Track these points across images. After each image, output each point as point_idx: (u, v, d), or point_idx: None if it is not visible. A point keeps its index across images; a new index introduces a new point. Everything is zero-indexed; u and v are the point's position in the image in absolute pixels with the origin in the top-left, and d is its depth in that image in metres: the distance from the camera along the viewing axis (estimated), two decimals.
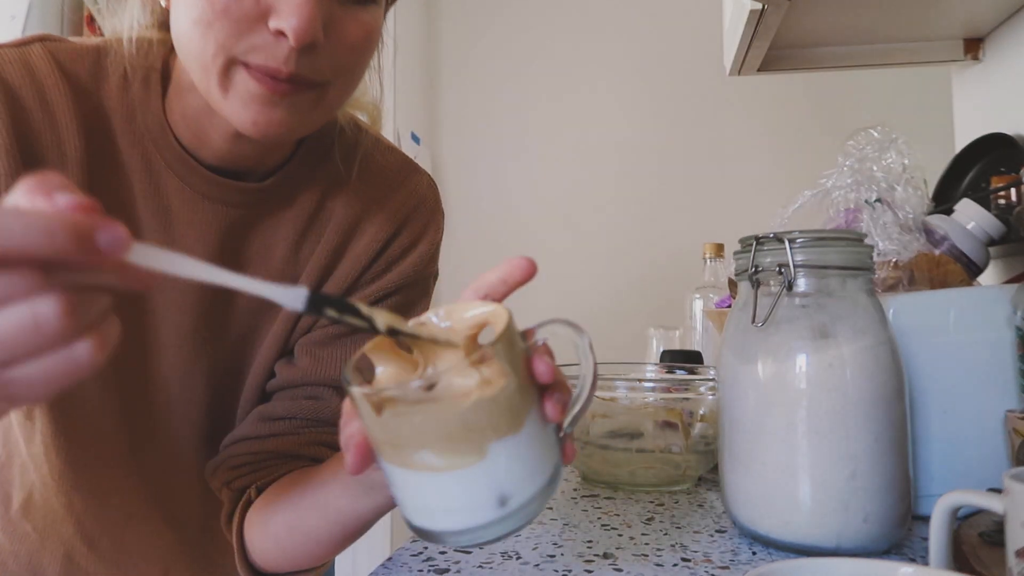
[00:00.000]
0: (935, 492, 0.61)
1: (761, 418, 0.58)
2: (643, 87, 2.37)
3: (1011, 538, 0.41)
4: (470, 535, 0.38)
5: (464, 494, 0.37)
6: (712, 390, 0.77)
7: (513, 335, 0.38)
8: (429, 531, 0.39)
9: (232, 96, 0.52)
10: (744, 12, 1.10)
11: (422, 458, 0.36)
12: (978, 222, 0.84)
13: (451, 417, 0.35)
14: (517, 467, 0.37)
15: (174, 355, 0.64)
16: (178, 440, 0.67)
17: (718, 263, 1.35)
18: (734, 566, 0.54)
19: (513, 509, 0.37)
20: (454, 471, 0.36)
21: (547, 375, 0.39)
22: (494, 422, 0.36)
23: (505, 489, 0.37)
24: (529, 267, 0.43)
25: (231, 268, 0.66)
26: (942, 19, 1.18)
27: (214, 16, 0.50)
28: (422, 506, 0.38)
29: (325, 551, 0.59)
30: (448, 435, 0.36)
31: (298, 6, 0.49)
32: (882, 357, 0.56)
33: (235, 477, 0.62)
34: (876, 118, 0.83)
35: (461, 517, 0.37)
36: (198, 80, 0.53)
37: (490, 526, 0.38)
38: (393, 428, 0.36)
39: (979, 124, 1.21)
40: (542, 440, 0.39)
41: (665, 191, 2.33)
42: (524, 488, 0.38)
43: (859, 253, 0.58)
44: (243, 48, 0.50)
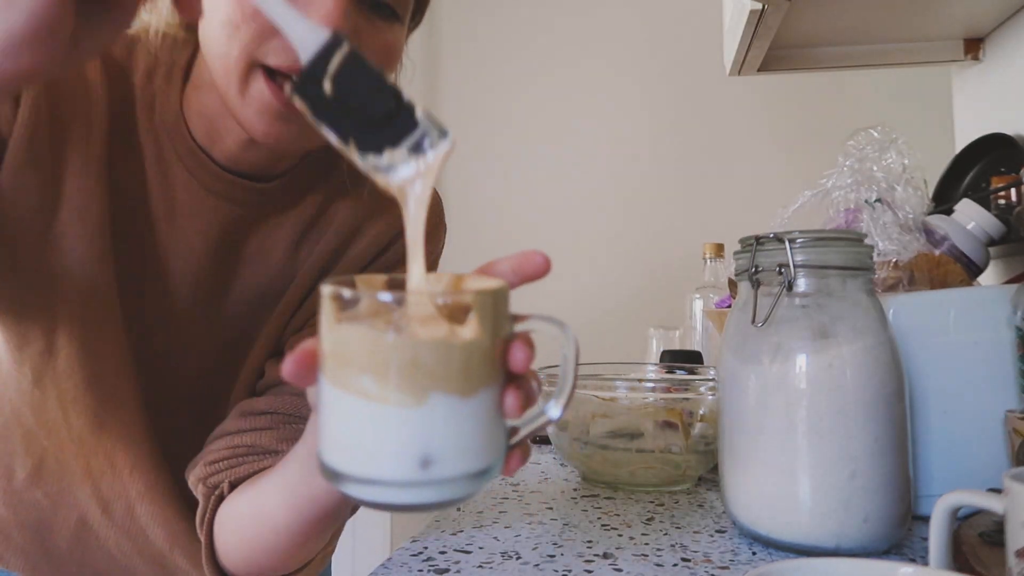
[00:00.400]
0: (935, 492, 0.61)
1: (761, 418, 0.58)
2: (643, 87, 2.37)
3: (1011, 538, 0.41)
4: (378, 489, 0.34)
5: (388, 437, 0.34)
6: (712, 390, 0.77)
7: (501, 303, 0.36)
8: (338, 472, 0.35)
9: (248, 102, 0.54)
10: (744, 12, 1.10)
11: (361, 382, 0.33)
12: (978, 222, 0.84)
13: (404, 346, 0.33)
14: (452, 433, 0.34)
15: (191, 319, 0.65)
16: (187, 417, 0.67)
17: (718, 263, 1.35)
18: (734, 566, 0.54)
19: (432, 478, 0.34)
20: (387, 406, 0.33)
21: (522, 364, 0.36)
22: (444, 373, 0.33)
23: (431, 450, 0.34)
24: (544, 264, 0.40)
25: (230, 264, 0.67)
26: (942, 19, 1.18)
27: (242, 19, 0.51)
28: (342, 440, 0.35)
29: (285, 544, 0.57)
30: (395, 365, 0.33)
31: (327, 14, 0.51)
32: (882, 357, 0.56)
33: (211, 473, 0.61)
34: (876, 118, 0.83)
35: (376, 464, 0.34)
36: (219, 80, 0.55)
37: (401, 486, 0.34)
38: (345, 339, 0.34)
39: (979, 124, 1.21)
40: (488, 424, 0.36)
41: (665, 191, 2.33)
42: (452, 460, 0.34)
43: (859, 253, 0.58)
44: (265, 51, 0.52)
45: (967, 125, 1.27)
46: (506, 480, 0.80)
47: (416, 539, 0.60)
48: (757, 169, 2.27)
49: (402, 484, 0.34)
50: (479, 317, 0.34)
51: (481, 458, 0.35)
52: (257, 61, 0.53)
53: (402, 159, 0.38)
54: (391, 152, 0.38)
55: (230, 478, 0.60)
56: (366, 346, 0.33)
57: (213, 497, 0.60)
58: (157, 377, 0.65)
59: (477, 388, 0.35)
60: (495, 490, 0.76)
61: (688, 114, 2.34)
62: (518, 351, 0.36)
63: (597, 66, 2.41)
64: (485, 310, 0.34)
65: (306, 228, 0.67)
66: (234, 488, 0.60)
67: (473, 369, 0.34)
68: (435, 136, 0.38)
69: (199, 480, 0.61)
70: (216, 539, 0.60)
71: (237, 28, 0.52)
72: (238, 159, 0.62)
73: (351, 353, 0.34)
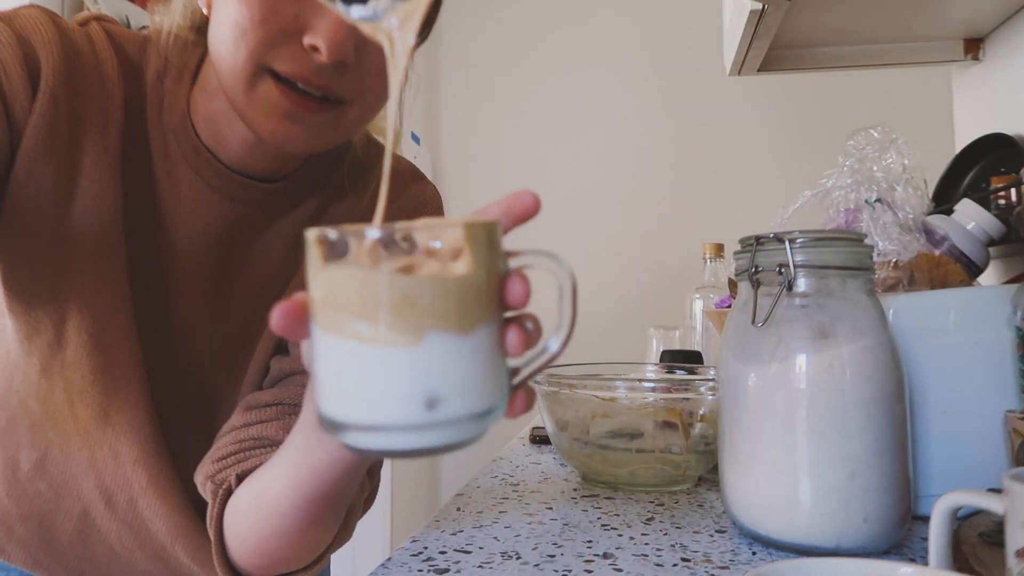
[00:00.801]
0: (935, 492, 0.61)
1: (761, 418, 0.58)
2: (643, 87, 2.37)
3: (1011, 538, 0.41)
4: (382, 436, 0.33)
5: (389, 380, 0.32)
6: (712, 390, 0.77)
7: (494, 237, 0.35)
8: (339, 422, 0.34)
9: (255, 104, 0.55)
10: (744, 12, 1.10)
11: (354, 325, 0.32)
12: (978, 222, 0.84)
13: (397, 284, 0.32)
14: (453, 371, 0.33)
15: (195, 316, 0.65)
16: (193, 413, 0.67)
17: (718, 263, 1.35)
18: (734, 566, 0.54)
19: (440, 419, 0.33)
20: (383, 347, 0.32)
21: (519, 298, 0.35)
22: (439, 308, 0.32)
23: (435, 390, 0.33)
24: (533, 203, 0.40)
25: (233, 261, 0.67)
26: (942, 19, 1.18)
27: (251, 24, 0.52)
28: (340, 389, 0.34)
29: (291, 526, 0.55)
30: (387, 304, 0.32)
31: (333, 26, 0.52)
32: (882, 357, 0.56)
33: (218, 470, 0.60)
34: (876, 118, 0.83)
35: (379, 409, 0.33)
36: (226, 83, 0.56)
37: (406, 430, 0.33)
38: (335, 282, 0.33)
39: (979, 124, 1.21)
40: (489, 362, 0.34)
41: (665, 191, 2.33)
42: (458, 398, 0.33)
43: (859, 253, 0.58)
44: (274, 56, 0.53)
45: (967, 125, 1.27)
46: (506, 480, 0.80)
47: (416, 539, 0.61)
48: (757, 169, 2.27)
49: (407, 428, 0.33)
50: (472, 250, 0.33)
51: (485, 398, 0.34)
52: (265, 66, 0.53)
53: (386, 6, 0.38)
54: (375, 1, 0.38)
55: (237, 471, 0.59)
56: (356, 287, 0.32)
57: (221, 492, 0.59)
58: (163, 372, 0.65)
59: (475, 325, 0.34)
60: (495, 490, 0.76)
61: (688, 114, 2.34)
62: (515, 286, 0.35)
63: (597, 66, 2.41)
64: (477, 242, 0.33)
65: (306, 226, 0.67)
66: (241, 481, 0.59)
67: (469, 304, 0.33)
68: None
69: (207, 478, 0.60)
70: (226, 535, 0.59)
71: (245, 32, 0.52)
72: (243, 162, 0.62)
73: (342, 296, 0.33)
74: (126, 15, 1.99)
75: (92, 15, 0.63)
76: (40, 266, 0.59)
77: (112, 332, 0.61)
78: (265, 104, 0.54)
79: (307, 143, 0.57)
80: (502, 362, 0.36)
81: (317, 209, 0.68)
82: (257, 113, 0.55)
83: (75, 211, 0.58)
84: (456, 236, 0.33)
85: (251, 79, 0.54)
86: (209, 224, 0.63)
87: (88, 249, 0.59)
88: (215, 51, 0.56)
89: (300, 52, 0.53)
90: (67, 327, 0.60)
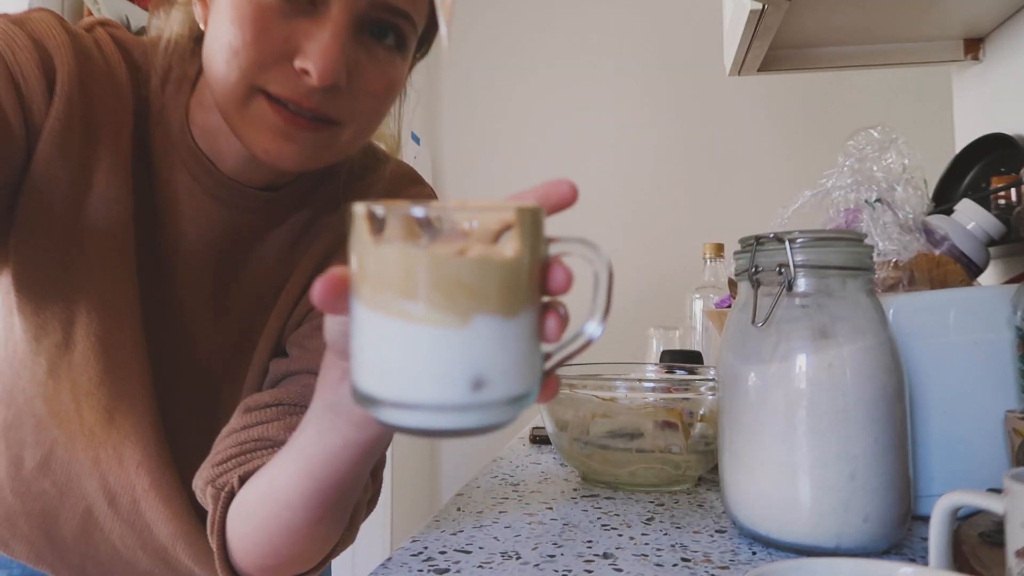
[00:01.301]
0: (935, 492, 0.61)
1: (761, 418, 0.58)
2: (643, 87, 2.37)
3: (1011, 538, 0.41)
4: (423, 414, 0.33)
5: (435, 359, 0.33)
6: (712, 390, 0.77)
7: (540, 222, 0.35)
8: (377, 398, 0.34)
9: (249, 122, 0.55)
10: (744, 12, 1.10)
11: (403, 304, 0.32)
12: (978, 222, 0.84)
13: (447, 264, 0.32)
14: (498, 354, 0.33)
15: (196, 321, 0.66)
16: (195, 417, 0.68)
17: (718, 263, 1.35)
18: (734, 566, 0.54)
19: (483, 400, 0.33)
20: (432, 327, 0.32)
21: (562, 284, 0.35)
22: (488, 291, 0.33)
23: (481, 371, 0.33)
24: (570, 192, 0.39)
25: (232, 266, 0.67)
26: (942, 19, 1.18)
27: (242, 45, 0.52)
28: (381, 365, 0.34)
29: (301, 519, 0.54)
30: (437, 284, 0.32)
31: (324, 50, 0.52)
32: (882, 357, 0.56)
33: (219, 474, 0.59)
34: (876, 118, 0.83)
35: (423, 387, 0.33)
36: (220, 101, 0.56)
37: (449, 410, 0.33)
38: (384, 259, 0.33)
39: (979, 124, 1.21)
40: (529, 347, 0.35)
41: (665, 191, 2.33)
42: (501, 381, 0.33)
43: (859, 253, 0.58)
44: (266, 78, 0.53)
45: (967, 125, 1.27)
46: (506, 480, 0.80)
47: (416, 539, 0.61)
48: (757, 169, 2.27)
49: (450, 408, 0.33)
50: (521, 234, 0.33)
51: (524, 381, 0.35)
52: (257, 87, 0.53)
53: None
54: None
55: (239, 473, 0.58)
56: (406, 265, 0.32)
57: (223, 496, 0.58)
58: (168, 375, 0.65)
59: (519, 309, 0.34)
60: (495, 490, 0.76)
61: (688, 114, 2.34)
62: (558, 272, 0.35)
63: (597, 66, 2.41)
64: (526, 227, 0.34)
65: (302, 231, 0.68)
66: (244, 483, 0.58)
67: (516, 288, 0.34)
68: None
69: (207, 483, 0.59)
70: (230, 539, 0.58)
71: (236, 53, 0.52)
72: (241, 174, 0.63)
73: (390, 274, 0.33)
74: (126, 15, 1.99)
75: (97, 20, 0.63)
76: (51, 268, 0.59)
77: (120, 335, 0.61)
78: (258, 122, 0.54)
79: (301, 161, 0.57)
80: (538, 347, 0.36)
81: (313, 214, 0.68)
82: (250, 131, 0.55)
83: (88, 214, 0.58)
84: (505, 219, 0.34)
85: (244, 98, 0.54)
86: (208, 230, 0.64)
87: (99, 252, 0.59)
88: (209, 69, 0.56)
89: (292, 75, 0.53)
90: (76, 329, 0.60)
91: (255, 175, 0.63)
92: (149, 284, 0.63)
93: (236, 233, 0.65)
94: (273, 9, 0.52)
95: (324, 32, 0.52)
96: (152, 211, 0.62)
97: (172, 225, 0.63)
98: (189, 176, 0.62)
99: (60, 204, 0.57)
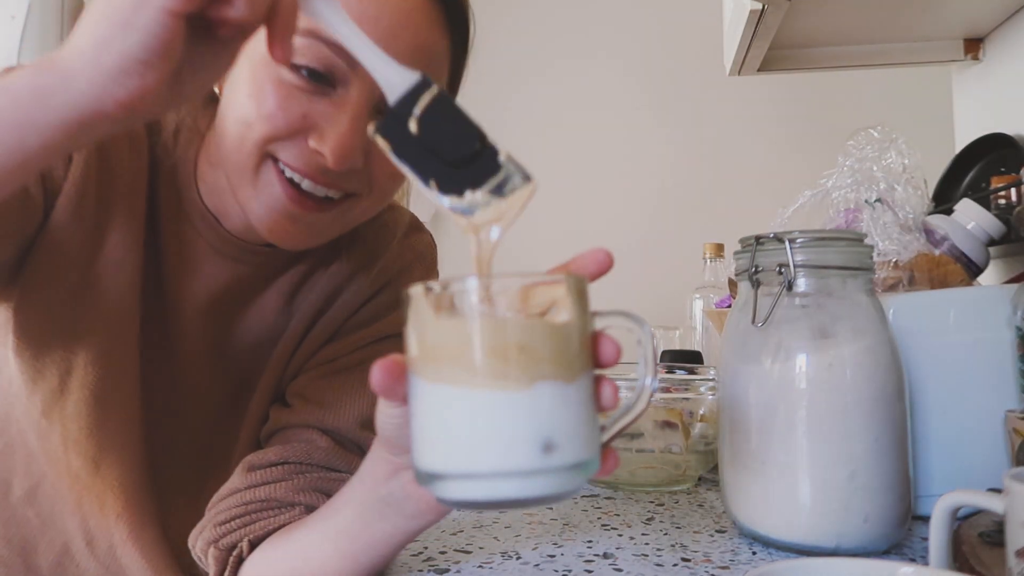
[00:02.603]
0: (935, 492, 0.61)
1: (761, 418, 0.58)
2: (643, 87, 2.37)
3: (1011, 538, 0.41)
4: (496, 481, 0.33)
5: (503, 423, 0.33)
6: (712, 390, 0.77)
7: (585, 291, 0.36)
8: (446, 474, 0.34)
9: (259, 195, 0.55)
10: (744, 12, 1.10)
11: (465, 374, 0.33)
12: (978, 222, 0.84)
13: (507, 331, 0.33)
14: (563, 417, 0.33)
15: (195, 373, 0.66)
16: (187, 471, 0.68)
17: (718, 263, 1.35)
18: (734, 566, 0.54)
19: (553, 465, 0.33)
20: (497, 391, 0.33)
21: (613, 355, 0.36)
22: (547, 355, 0.33)
23: (549, 434, 0.33)
24: (607, 259, 0.39)
25: (232, 318, 0.67)
26: (942, 19, 1.18)
27: (258, 118, 0.52)
28: (450, 437, 0.34)
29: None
30: (498, 350, 0.33)
31: (341, 135, 0.52)
32: (882, 357, 0.56)
33: (223, 534, 0.57)
34: (876, 118, 0.83)
35: (494, 453, 0.33)
36: (231, 170, 0.56)
37: (524, 476, 0.33)
38: (444, 333, 0.34)
39: (979, 124, 1.21)
40: (589, 413, 0.35)
41: (665, 191, 2.33)
42: (569, 445, 0.33)
43: (859, 253, 0.58)
44: (277, 148, 0.53)
45: (967, 125, 1.27)
46: None
47: (416, 539, 0.60)
48: (757, 169, 2.26)
49: (519, 473, 0.33)
50: (574, 300, 0.34)
51: (588, 447, 0.35)
52: (270, 154, 0.54)
53: (482, 201, 0.39)
54: (472, 193, 0.39)
55: (249, 536, 0.56)
56: (468, 335, 0.33)
57: (232, 558, 0.56)
58: (161, 429, 0.65)
59: (577, 374, 0.35)
60: None
61: (688, 114, 2.33)
62: (608, 343, 0.36)
63: (596, 66, 2.41)
64: (574, 294, 0.35)
65: (301, 280, 0.68)
66: (254, 547, 0.56)
67: (572, 353, 0.34)
68: (517, 180, 0.39)
69: (210, 543, 0.57)
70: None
71: (250, 126, 0.53)
72: (244, 233, 0.63)
73: (453, 345, 0.34)
74: None
75: None
76: (55, 319, 0.59)
77: (115, 392, 0.61)
78: (267, 198, 0.54)
79: (304, 241, 0.58)
80: (596, 416, 0.37)
81: (312, 265, 0.68)
82: (260, 208, 0.55)
83: (96, 272, 0.59)
84: (554, 290, 0.35)
85: (256, 166, 0.54)
86: (212, 282, 0.64)
87: (104, 309, 0.59)
88: (222, 136, 0.56)
89: (306, 151, 0.53)
90: (72, 379, 0.60)
91: (259, 236, 0.62)
92: (152, 336, 0.63)
93: (238, 284, 0.65)
94: (293, 86, 0.52)
95: (343, 116, 0.52)
96: (159, 264, 0.63)
97: (177, 278, 0.63)
98: (195, 231, 0.63)
99: (71, 262, 0.58)
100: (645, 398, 0.38)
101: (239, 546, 0.56)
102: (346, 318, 0.68)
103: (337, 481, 0.59)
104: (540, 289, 0.35)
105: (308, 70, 0.52)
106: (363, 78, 0.52)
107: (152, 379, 0.64)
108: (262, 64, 0.53)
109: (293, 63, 0.52)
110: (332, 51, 0.51)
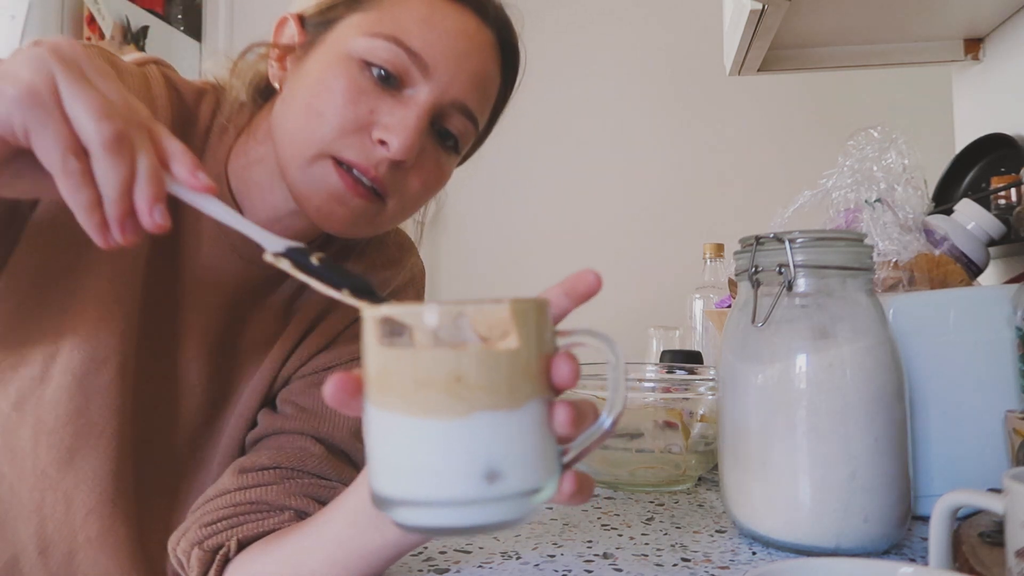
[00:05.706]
0: (935, 492, 0.61)
1: (761, 418, 0.58)
2: (643, 87, 2.37)
3: (1011, 538, 0.41)
4: (438, 510, 0.33)
5: (444, 452, 0.33)
6: (712, 390, 0.77)
7: (540, 316, 0.36)
8: (392, 499, 0.34)
9: (308, 179, 0.57)
10: (744, 12, 1.10)
11: (404, 402, 0.33)
12: (978, 222, 0.84)
13: (443, 360, 0.33)
14: (507, 445, 0.34)
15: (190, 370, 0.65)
16: (164, 471, 0.66)
17: (718, 263, 1.35)
18: (734, 566, 0.54)
19: (500, 493, 0.33)
20: (435, 420, 0.33)
21: (567, 377, 0.35)
22: (486, 384, 0.33)
23: (493, 463, 0.33)
24: (595, 281, 0.40)
25: (236, 320, 0.67)
26: (942, 19, 1.18)
27: (329, 109, 0.55)
28: (396, 464, 0.34)
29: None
30: (435, 380, 0.33)
31: (408, 127, 0.55)
32: (882, 357, 0.56)
33: (209, 535, 0.56)
34: (876, 118, 0.83)
35: (437, 482, 0.33)
36: (284, 156, 0.57)
37: (470, 504, 0.33)
38: (387, 358, 0.34)
39: (979, 124, 1.21)
40: (539, 439, 0.35)
41: (665, 191, 2.33)
42: (515, 473, 0.33)
43: (859, 253, 0.58)
44: (340, 145, 0.55)
45: (967, 125, 1.27)
46: None
47: None
48: (757, 169, 2.27)
49: (465, 502, 0.33)
50: (517, 326, 0.34)
51: (539, 474, 0.35)
52: (328, 153, 0.55)
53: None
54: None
55: (237, 536, 0.56)
56: (405, 364, 0.34)
57: (217, 558, 0.55)
58: (142, 424, 0.64)
59: (524, 399, 0.34)
60: None
61: (688, 114, 2.33)
62: (562, 365, 0.35)
63: (596, 66, 2.41)
64: (523, 319, 0.34)
65: (302, 287, 0.68)
66: (242, 548, 0.56)
67: (517, 379, 0.34)
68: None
69: (194, 544, 0.56)
70: None
71: (320, 116, 0.55)
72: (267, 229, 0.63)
73: (390, 373, 0.34)
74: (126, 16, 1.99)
75: (151, 59, 0.64)
76: (45, 305, 0.59)
77: (98, 377, 0.60)
78: (319, 181, 0.56)
79: (347, 226, 0.59)
80: (552, 440, 0.36)
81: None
82: (308, 188, 0.57)
83: (96, 255, 0.58)
84: (503, 315, 0.34)
85: (312, 159, 0.56)
86: (223, 282, 0.64)
87: (96, 293, 0.59)
88: (281, 126, 0.58)
89: (367, 144, 0.55)
90: (55, 364, 0.59)
91: (281, 234, 0.62)
92: (153, 325, 0.62)
93: (250, 286, 0.66)
94: (365, 85, 0.55)
95: (409, 112, 0.56)
96: (173, 257, 0.63)
97: (191, 273, 0.63)
98: (216, 227, 0.62)
99: (66, 243, 0.57)
100: (613, 415, 0.37)
101: (226, 545, 0.56)
102: (342, 329, 0.69)
103: (328, 489, 0.59)
104: (492, 315, 0.35)
105: (383, 72, 0.56)
106: (436, 83, 0.57)
107: (147, 368, 0.63)
108: (338, 59, 0.56)
109: (367, 61, 0.56)
110: (410, 59, 0.56)
